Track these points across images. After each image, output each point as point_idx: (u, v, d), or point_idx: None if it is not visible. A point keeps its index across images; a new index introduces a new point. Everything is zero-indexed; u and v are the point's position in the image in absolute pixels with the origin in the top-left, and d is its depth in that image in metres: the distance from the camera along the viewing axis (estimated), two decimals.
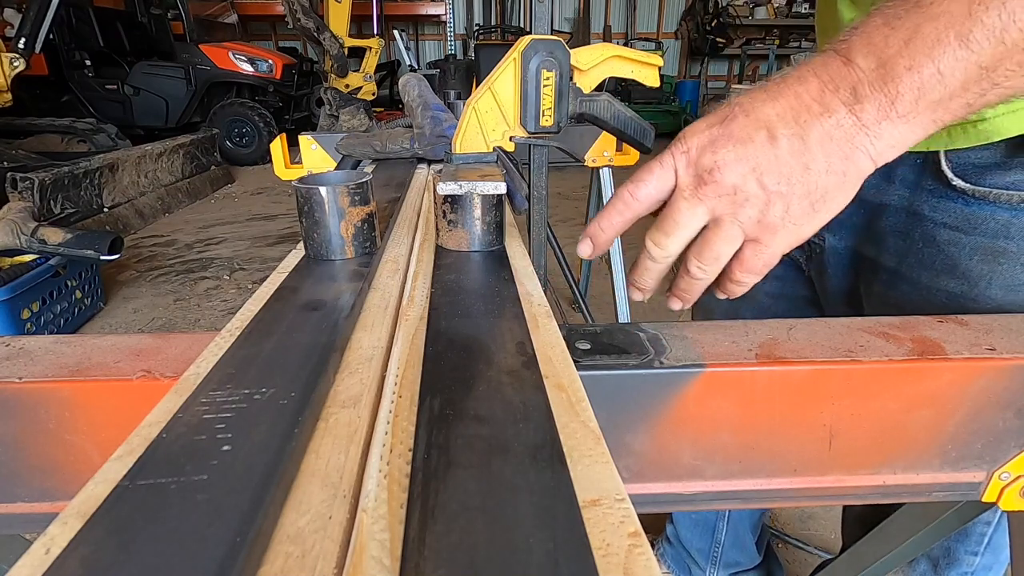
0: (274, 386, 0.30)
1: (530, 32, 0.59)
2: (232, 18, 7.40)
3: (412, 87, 1.12)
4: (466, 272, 0.50)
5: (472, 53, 7.94)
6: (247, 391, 0.30)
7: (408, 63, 7.09)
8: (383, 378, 0.34)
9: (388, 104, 7.17)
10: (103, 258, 2.10)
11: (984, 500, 0.49)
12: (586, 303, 2.17)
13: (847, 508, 0.88)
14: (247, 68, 6.08)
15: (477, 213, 0.53)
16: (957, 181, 0.57)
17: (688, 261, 0.44)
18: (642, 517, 0.23)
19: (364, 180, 0.50)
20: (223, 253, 3.46)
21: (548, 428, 0.27)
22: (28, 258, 2.17)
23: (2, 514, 0.42)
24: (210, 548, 0.20)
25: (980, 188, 0.56)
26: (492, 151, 0.62)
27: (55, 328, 2.29)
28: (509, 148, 0.63)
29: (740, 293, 0.45)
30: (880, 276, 0.67)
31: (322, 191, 0.48)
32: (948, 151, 0.57)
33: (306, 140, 1.42)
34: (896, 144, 0.37)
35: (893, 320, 0.49)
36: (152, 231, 3.87)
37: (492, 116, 0.61)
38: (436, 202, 0.56)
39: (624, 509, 0.22)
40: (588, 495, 0.23)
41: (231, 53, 6.05)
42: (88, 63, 5.67)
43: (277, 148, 1.51)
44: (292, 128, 6.14)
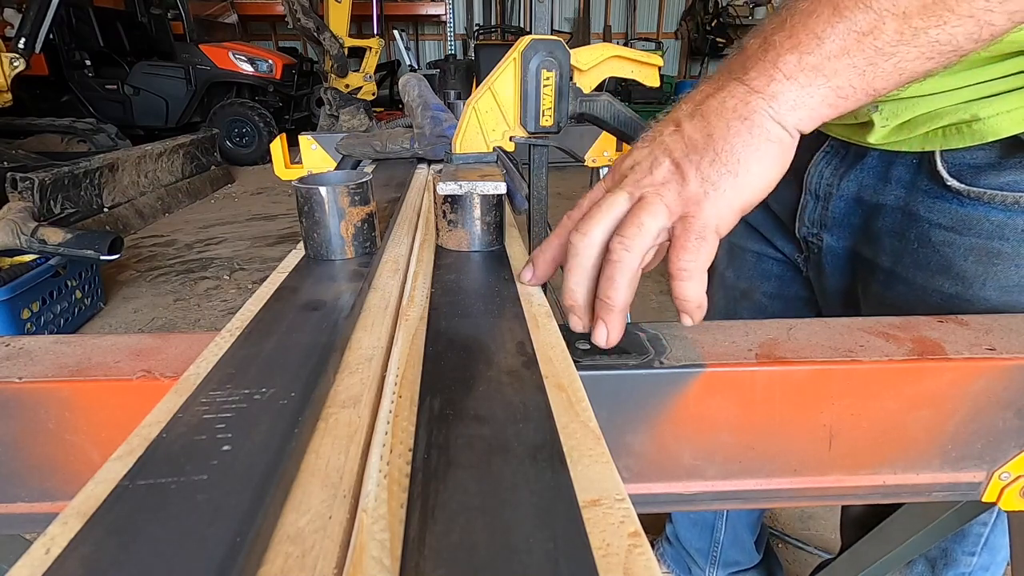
0: (274, 386, 0.30)
1: (530, 32, 0.59)
2: (232, 18, 7.41)
3: (412, 87, 1.12)
4: (466, 272, 0.50)
5: (472, 53, 7.95)
6: (247, 391, 0.30)
7: (408, 63, 7.10)
8: (383, 378, 0.34)
9: (388, 104, 7.17)
10: (103, 258, 2.10)
11: (984, 500, 0.49)
12: None
13: (845, 509, 0.88)
14: (247, 68, 6.08)
15: (477, 213, 0.53)
16: (952, 182, 0.57)
17: (611, 242, 0.40)
18: (642, 517, 0.23)
19: (364, 180, 0.50)
20: (223, 253, 3.46)
21: (548, 428, 0.27)
22: (28, 258, 2.17)
23: (2, 514, 0.42)
24: (210, 548, 0.20)
25: (975, 189, 0.56)
26: (492, 151, 0.62)
27: (55, 328, 2.29)
28: (509, 148, 0.63)
29: (691, 294, 0.39)
30: (877, 276, 0.67)
31: (322, 191, 0.48)
32: (944, 151, 0.57)
33: (306, 140, 1.42)
34: (796, 105, 0.38)
35: (893, 320, 0.49)
36: (152, 231, 3.87)
37: (492, 116, 0.61)
38: (436, 202, 0.56)
39: (624, 509, 0.22)
40: (588, 495, 0.23)
41: (231, 53, 6.05)
42: (88, 63, 5.67)
43: (277, 148, 1.51)
44: (292, 128, 6.14)
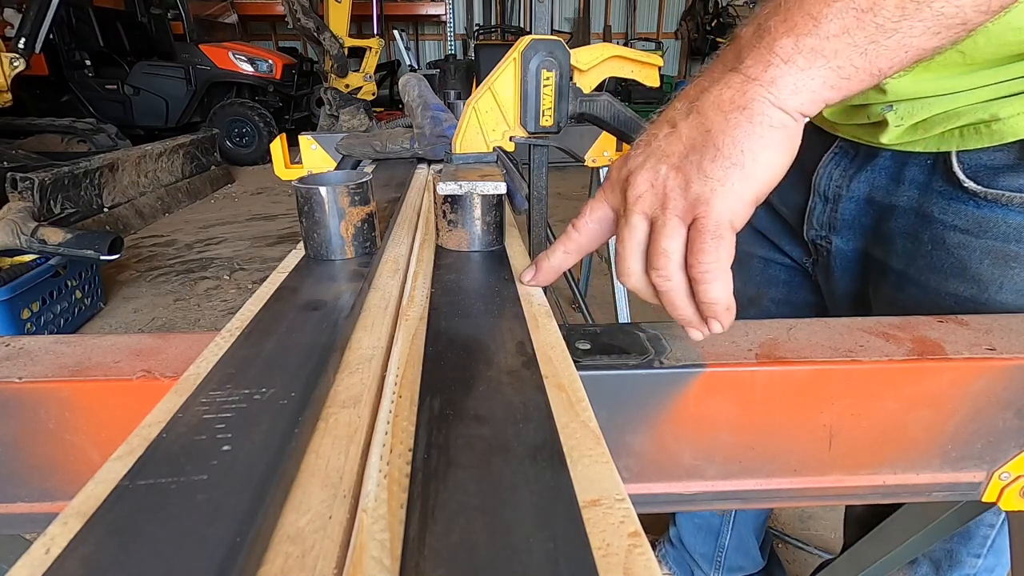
0: (274, 386, 0.30)
1: (530, 32, 0.59)
2: (232, 18, 7.41)
3: (412, 87, 1.12)
4: (466, 272, 0.50)
5: (472, 53, 7.95)
6: (247, 391, 0.30)
7: (408, 63, 7.10)
8: (383, 378, 0.34)
9: (388, 104, 7.17)
10: (103, 258, 2.10)
11: (984, 500, 0.49)
12: (586, 303, 2.17)
13: (849, 509, 0.88)
14: (247, 68, 6.08)
15: (477, 213, 0.53)
16: (969, 183, 0.56)
17: (651, 277, 0.40)
18: (643, 517, 0.23)
19: (364, 180, 0.50)
20: (223, 253, 3.46)
21: (548, 428, 0.27)
22: (28, 258, 2.17)
23: (2, 514, 0.42)
24: (210, 548, 0.20)
25: (992, 190, 0.55)
26: (492, 151, 0.62)
27: (55, 328, 2.29)
28: (509, 148, 0.63)
29: (717, 295, 0.38)
30: (888, 279, 0.66)
31: (322, 191, 0.48)
32: (960, 152, 0.56)
33: (306, 140, 1.42)
34: (797, 89, 0.37)
35: (893, 320, 0.49)
36: (152, 231, 3.86)
37: (492, 116, 0.61)
38: (436, 202, 0.56)
39: (624, 509, 0.22)
40: (588, 495, 0.23)
41: (231, 53, 6.05)
42: (88, 63, 5.66)
43: (277, 148, 1.51)
44: (292, 128, 6.14)
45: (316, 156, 1.42)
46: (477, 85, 0.85)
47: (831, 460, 0.46)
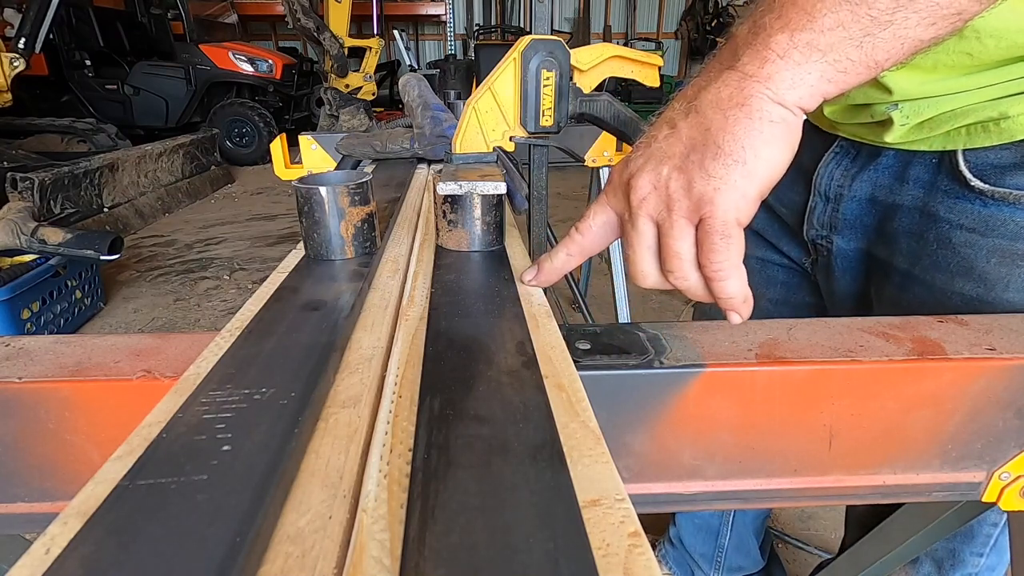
0: (274, 386, 0.30)
1: (530, 32, 0.59)
2: (232, 18, 7.41)
3: (412, 87, 1.12)
4: (466, 272, 0.50)
5: (472, 53, 7.95)
6: (247, 391, 0.30)
7: (408, 63, 7.09)
8: (383, 378, 0.34)
9: (388, 104, 7.17)
10: (103, 258, 2.10)
11: (984, 500, 0.49)
12: (586, 303, 2.17)
13: (849, 510, 0.88)
14: (247, 68, 6.08)
15: (477, 213, 0.53)
16: (975, 182, 0.56)
17: (669, 278, 0.42)
18: (643, 517, 0.23)
19: (364, 180, 0.50)
20: (223, 253, 3.46)
21: (548, 428, 0.27)
22: (28, 258, 2.17)
23: (2, 514, 0.42)
24: (210, 548, 0.20)
25: (999, 189, 0.55)
26: (492, 151, 0.62)
27: (55, 328, 2.29)
28: (509, 148, 0.63)
29: (732, 291, 0.40)
30: (892, 278, 0.65)
31: (322, 191, 0.48)
32: (966, 150, 0.56)
33: (306, 140, 1.42)
34: (794, 84, 0.37)
35: (893, 320, 0.49)
36: (152, 231, 3.86)
37: (492, 116, 0.61)
38: (436, 202, 0.56)
39: (624, 509, 0.22)
40: (588, 495, 0.23)
41: (231, 53, 6.05)
42: (88, 63, 5.66)
43: (277, 148, 1.51)
44: (292, 128, 6.14)
45: (316, 156, 1.43)
46: (477, 85, 0.85)
47: (831, 460, 0.46)
